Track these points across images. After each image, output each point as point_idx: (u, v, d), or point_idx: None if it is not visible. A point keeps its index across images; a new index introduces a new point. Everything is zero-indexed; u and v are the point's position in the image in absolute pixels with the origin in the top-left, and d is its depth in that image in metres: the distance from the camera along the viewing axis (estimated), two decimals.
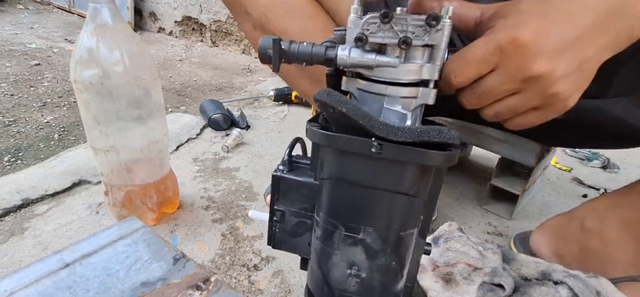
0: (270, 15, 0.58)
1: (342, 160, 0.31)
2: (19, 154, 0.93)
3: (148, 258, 0.39)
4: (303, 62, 0.31)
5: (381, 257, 0.33)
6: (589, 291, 0.50)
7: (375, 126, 0.28)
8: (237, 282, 0.60)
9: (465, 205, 0.88)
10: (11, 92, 1.28)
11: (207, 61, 2.06)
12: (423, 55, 0.29)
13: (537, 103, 0.31)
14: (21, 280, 0.34)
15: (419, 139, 0.27)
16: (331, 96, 0.29)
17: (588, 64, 0.31)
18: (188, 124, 1.14)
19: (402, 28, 0.27)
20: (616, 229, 0.55)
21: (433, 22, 0.26)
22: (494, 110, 0.33)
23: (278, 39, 0.31)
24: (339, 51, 0.30)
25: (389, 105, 0.30)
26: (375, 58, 0.29)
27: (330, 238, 0.34)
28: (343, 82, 0.33)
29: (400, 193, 0.30)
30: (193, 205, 0.78)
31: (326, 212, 0.33)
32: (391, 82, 0.29)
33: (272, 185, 0.36)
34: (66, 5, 2.63)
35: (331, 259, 0.34)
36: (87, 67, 0.54)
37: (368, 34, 0.28)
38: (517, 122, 0.34)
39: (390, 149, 0.28)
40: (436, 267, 0.56)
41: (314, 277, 0.37)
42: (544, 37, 0.29)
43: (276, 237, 0.38)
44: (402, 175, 0.30)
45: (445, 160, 0.28)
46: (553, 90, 0.30)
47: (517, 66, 0.29)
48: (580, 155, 1.23)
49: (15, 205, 0.71)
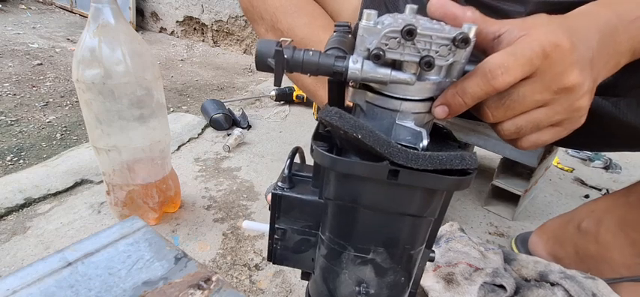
0: (279, 14, 0.64)
1: (351, 183, 0.29)
2: (21, 154, 0.93)
3: (149, 257, 0.39)
4: (307, 73, 0.28)
5: (390, 275, 0.32)
6: (585, 293, 0.50)
7: (394, 154, 0.25)
8: (239, 281, 0.60)
9: (467, 206, 0.88)
10: (14, 92, 1.28)
11: (208, 60, 2.06)
12: (440, 71, 0.27)
13: (561, 118, 0.30)
14: (23, 278, 0.34)
15: (441, 167, 0.25)
16: (343, 119, 0.26)
17: (595, 84, 0.31)
18: (190, 123, 1.14)
19: (424, 46, 0.24)
20: (612, 232, 0.55)
21: (463, 44, 0.24)
22: (516, 125, 0.31)
23: (281, 49, 0.27)
24: (350, 64, 0.26)
25: (401, 121, 0.28)
26: (391, 74, 0.25)
27: (338, 258, 0.32)
28: (349, 93, 0.30)
29: (414, 216, 0.29)
30: (195, 205, 0.78)
31: (333, 233, 0.32)
32: (405, 98, 0.27)
33: (272, 203, 0.34)
34: (68, 5, 2.64)
35: (339, 277, 0.33)
36: (89, 67, 0.54)
37: (386, 49, 0.25)
38: (533, 140, 0.32)
39: (406, 176, 0.26)
40: (437, 267, 0.56)
41: (319, 291, 0.36)
42: (578, 48, 0.28)
43: (277, 254, 0.37)
44: (416, 198, 0.28)
45: (461, 186, 0.27)
46: (579, 103, 0.30)
47: (555, 75, 0.28)
48: (582, 156, 1.22)
49: (17, 205, 0.71)
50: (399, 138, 0.28)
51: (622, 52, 0.32)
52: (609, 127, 0.50)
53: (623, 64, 0.33)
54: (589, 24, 0.31)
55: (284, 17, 0.64)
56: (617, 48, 0.32)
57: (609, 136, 0.52)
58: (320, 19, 0.64)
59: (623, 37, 0.32)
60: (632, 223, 0.53)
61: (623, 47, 0.32)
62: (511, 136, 0.32)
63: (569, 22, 0.31)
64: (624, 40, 0.32)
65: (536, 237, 0.68)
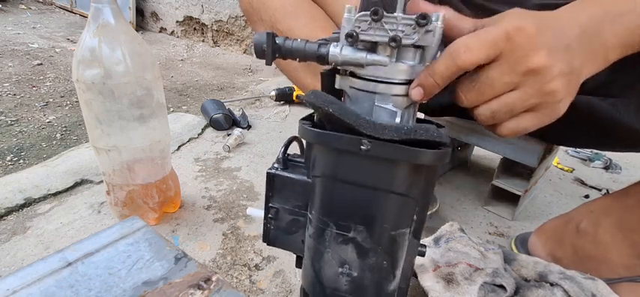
0: (278, 16, 0.65)
1: (332, 157, 0.31)
2: (21, 154, 0.93)
3: (149, 257, 0.39)
4: (296, 58, 0.32)
5: (371, 256, 0.33)
6: (584, 294, 0.50)
7: (362, 124, 0.28)
8: (239, 281, 0.60)
9: (467, 206, 0.88)
10: (14, 92, 1.28)
11: (208, 60, 2.06)
12: (415, 56, 0.30)
13: (534, 102, 0.32)
14: (23, 278, 0.34)
15: (405, 137, 0.28)
16: (317, 96, 0.30)
17: (576, 74, 0.32)
18: (190, 123, 1.14)
19: (392, 27, 0.28)
20: (610, 232, 0.55)
21: (422, 20, 0.27)
22: (491, 108, 0.33)
23: (272, 33, 0.31)
24: (331, 48, 0.30)
25: (380, 103, 0.30)
26: (366, 56, 0.29)
27: (322, 236, 0.34)
28: (337, 80, 0.33)
29: (390, 192, 0.31)
30: (195, 205, 0.78)
31: (318, 210, 0.34)
32: (382, 80, 0.30)
33: (266, 182, 0.36)
34: (68, 5, 2.64)
35: (323, 257, 0.35)
36: (89, 67, 0.54)
37: (359, 31, 0.28)
38: (511, 126, 0.34)
39: (379, 147, 0.28)
40: (437, 267, 0.56)
41: (307, 275, 0.37)
42: (545, 33, 0.30)
43: (270, 234, 0.39)
44: (392, 173, 0.30)
45: (435, 159, 0.28)
46: (550, 86, 0.31)
47: (519, 57, 0.29)
48: (582, 156, 1.22)
49: (17, 205, 0.71)
50: (379, 118, 0.30)
51: (610, 46, 0.33)
52: (608, 128, 0.50)
53: (614, 60, 0.33)
54: (568, 16, 0.32)
55: (283, 19, 0.64)
56: (603, 42, 0.32)
57: (608, 136, 0.52)
58: (319, 21, 0.64)
59: (610, 31, 0.32)
60: (631, 224, 0.53)
61: (611, 42, 0.32)
62: (488, 120, 0.34)
63: (544, 15, 0.32)
64: (611, 34, 0.32)
65: (535, 237, 0.68)
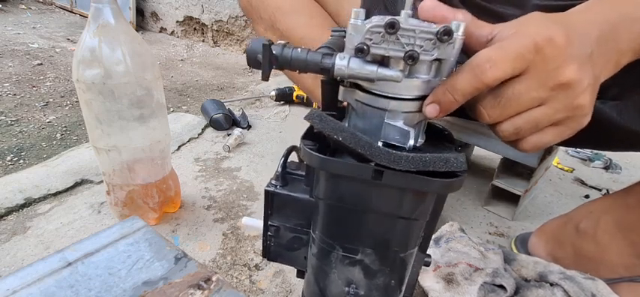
0: (278, 14, 0.64)
1: (339, 183, 0.29)
2: (21, 154, 0.93)
3: (149, 257, 0.39)
4: (296, 69, 0.28)
5: (379, 277, 0.32)
6: (584, 294, 0.50)
7: (376, 154, 0.25)
8: (239, 281, 0.60)
9: (467, 206, 0.88)
10: (14, 92, 1.28)
11: (208, 60, 2.06)
12: (430, 70, 0.26)
13: (561, 117, 0.29)
14: (23, 278, 0.34)
15: (423, 169, 0.25)
16: (324, 122, 0.26)
17: (598, 83, 0.30)
18: (190, 123, 1.14)
19: (408, 41, 0.24)
20: (610, 233, 0.55)
21: (445, 37, 0.23)
22: (515, 125, 0.29)
23: (269, 42, 0.27)
24: (337, 60, 0.26)
25: (390, 120, 0.27)
26: (377, 70, 0.25)
27: (327, 257, 0.32)
28: (340, 91, 0.30)
29: (401, 218, 0.29)
30: (195, 205, 0.78)
31: (322, 231, 0.32)
32: (393, 96, 0.27)
33: (265, 200, 0.34)
34: (68, 5, 2.64)
35: (328, 277, 0.33)
36: (89, 67, 0.54)
37: (370, 44, 0.25)
38: (534, 141, 0.31)
39: (391, 176, 0.26)
40: (437, 267, 0.56)
41: (311, 290, 0.36)
42: (573, 43, 0.27)
43: (271, 250, 0.37)
44: (402, 200, 0.28)
45: (448, 188, 0.26)
46: (579, 101, 0.28)
47: (549, 71, 0.27)
48: (582, 156, 1.22)
49: (17, 205, 0.71)
50: (388, 137, 0.28)
51: (623, 51, 0.31)
52: (608, 130, 0.49)
53: (624, 64, 0.32)
54: (588, 19, 0.30)
55: (283, 17, 0.64)
56: (617, 46, 0.31)
57: (608, 137, 0.52)
58: (319, 19, 0.64)
59: (625, 35, 0.31)
60: (630, 225, 0.53)
61: (624, 46, 0.31)
62: (510, 137, 0.31)
63: (565, 18, 0.30)
64: (625, 38, 0.31)
65: (535, 237, 0.68)
